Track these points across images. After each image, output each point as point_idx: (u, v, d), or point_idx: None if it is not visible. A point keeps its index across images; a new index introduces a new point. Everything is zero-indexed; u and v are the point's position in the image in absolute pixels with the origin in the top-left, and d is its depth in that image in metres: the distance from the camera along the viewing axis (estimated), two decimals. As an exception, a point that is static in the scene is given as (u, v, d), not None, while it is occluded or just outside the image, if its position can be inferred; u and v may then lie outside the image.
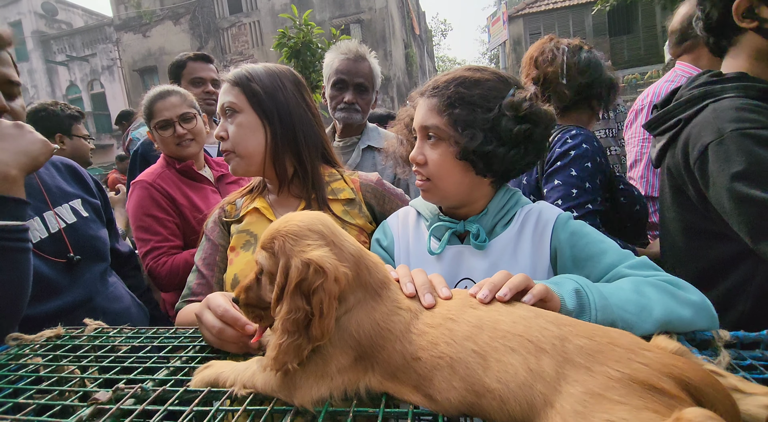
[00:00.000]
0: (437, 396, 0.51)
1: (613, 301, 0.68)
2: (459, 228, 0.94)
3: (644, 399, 0.42)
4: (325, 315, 0.52)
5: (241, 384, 0.59)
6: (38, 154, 0.94)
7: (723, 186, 0.95)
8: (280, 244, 0.56)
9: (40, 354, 0.80)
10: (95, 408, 0.58)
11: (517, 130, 0.84)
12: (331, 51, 1.94)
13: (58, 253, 1.14)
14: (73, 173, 1.35)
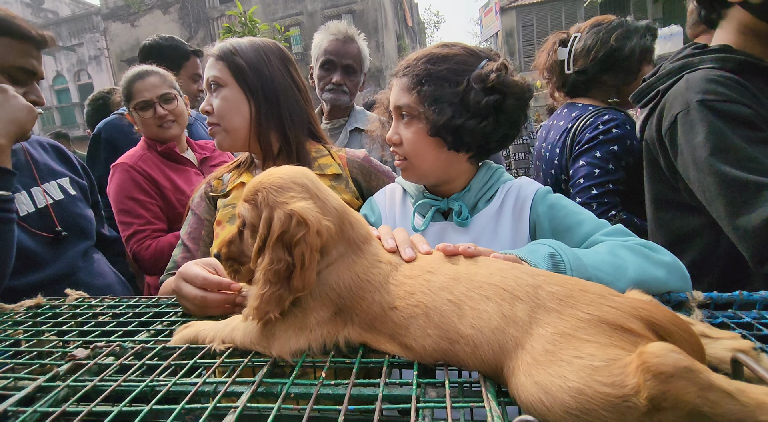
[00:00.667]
0: (413, 343, 0.51)
1: (587, 262, 0.69)
2: (442, 206, 0.95)
3: (612, 338, 0.43)
4: (307, 266, 0.52)
5: (220, 339, 0.59)
6: (26, 121, 0.94)
7: (688, 156, 0.97)
8: (264, 196, 0.55)
9: (19, 320, 0.79)
10: (72, 364, 0.57)
11: (486, 101, 0.84)
12: (320, 32, 1.92)
13: (45, 228, 1.14)
14: (60, 154, 1.35)
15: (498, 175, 0.98)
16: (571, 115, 1.59)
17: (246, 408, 0.46)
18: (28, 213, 1.12)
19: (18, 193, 1.11)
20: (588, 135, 1.47)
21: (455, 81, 0.87)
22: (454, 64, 0.88)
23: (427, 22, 36.87)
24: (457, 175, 0.96)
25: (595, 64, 1.52)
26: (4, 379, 0.57)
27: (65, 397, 0.52)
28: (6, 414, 0.49)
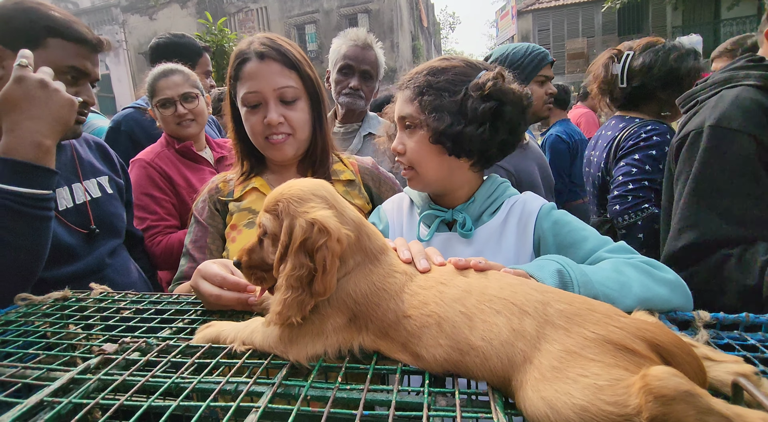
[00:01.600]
0: (424, 353, 0.54)
1: (594, 278, 0.71)
2: (447, 217, 0.98)
3: (616, 358, 0.45)
4: (328, 271, 0.54)
5: (240, 341, 0.62)
6: (68, 118, 0.95)
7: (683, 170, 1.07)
8: (284, 206, 0.58)
9: (48, 312, 0.83)
10: (102, 358, 0.61)
11: (482, 108, 0.88)
12: (338, 37, 1.96)
13: (80, 224, 1.17)
14: (103, 152, 1.39)
15: (503, 188, 1.01)
16: (618, 126, 1.76)
17: (267, 409, 0.49)
18: (67, 208, 1.15)
19: (59, 188, 1.14)
20: (631, 142, 1.66)
21: (454, 90, 0.91)
22: (453, 75, 0.93)
23: (442, 23, 36.80)
24: (460, 183, 0.99)
25: (654, 81, 1.64)
26: (37, 370, 0.61)
27: (96, 389, 0.56)
28: (42, 403, 0.52)
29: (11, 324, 0.79)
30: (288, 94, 1.09)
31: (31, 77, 0.91)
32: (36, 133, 0.90)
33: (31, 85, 0.90)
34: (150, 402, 0.51)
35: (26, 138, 0.89)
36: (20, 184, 0.87)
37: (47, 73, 0.95)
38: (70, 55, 1.06)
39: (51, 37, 1.04)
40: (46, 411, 0.51)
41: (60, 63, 1.04)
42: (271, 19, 17.85)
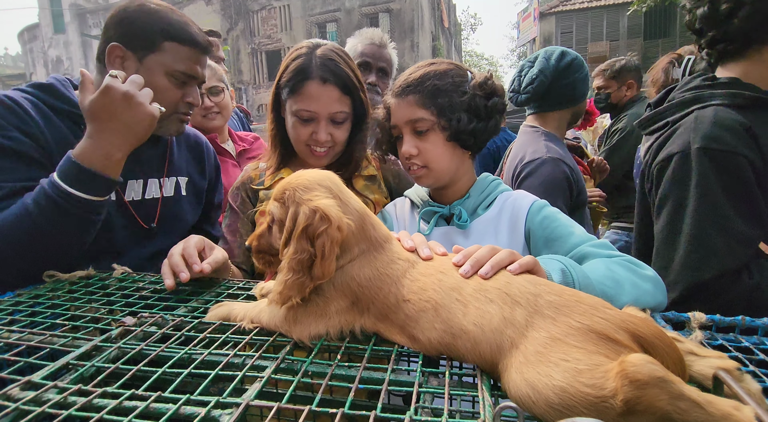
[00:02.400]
0: (420, 335, 0.57)
1: (593, 279, 0.75)
2: (445, 212, 1.07)
3: (598, 346, 0.48)
4: (327, 256, 0.58)
5: (249, 319, 0.66)
6: (145, 133, 0.98)
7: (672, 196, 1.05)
8: (290, 194, 0.62)
9: (74, 289, 0.89)
10: (122, 329, 0.66)
11: (491, 103, 1.00)
12: (353, 37, 2.03)
13: (144, 219, 1.20)
14: (197, 152, 1.40)
15: (495, 185, 1.10)
16: None
17: (269, 380, 0.53)
18: (133, 199, 1.18)
19: (132, 180, 1.18)
20: None
21: (460, 91, 1.00)
22: (453, 77, 1.01)
23: (463, 24, 36.59)
24: (462, 173, 1.09)
25: None
26: (64, 337, 0.66)
27: (116, 357, 0.61)
28: (68, 366, 0.57)
29: (40, 297, 0.85)
30: (339, 118, 1.16)
31: (117, 89, 0.93)
32: (109, 144, 0.93)
33: (116, 97, 0.93)
34: (164, 369, 0.55)
35: (99, 147, 0.92)
36: (79, 187, 0.90)
37: (136, 83, 0.97)
38: (182, 59, 1.09)
39: (167, 40, 1.07)
40: (71, 373, 0.56)
41: (172, 66, 1.09)
42: (293, 17, 18.05)
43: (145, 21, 1.06)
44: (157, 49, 1.07)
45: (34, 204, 0.90)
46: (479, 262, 0.63)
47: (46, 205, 0.90)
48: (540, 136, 1.67)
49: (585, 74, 1.70)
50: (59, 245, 0.95)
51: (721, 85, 1.08)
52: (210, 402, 0.46)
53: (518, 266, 0.61)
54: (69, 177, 0.90)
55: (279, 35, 18.33)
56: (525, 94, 1.71)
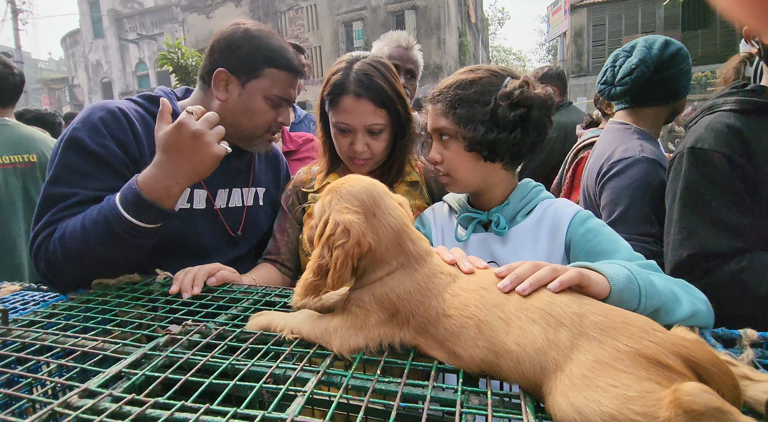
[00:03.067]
0: (462, 352, 0.57)
1: (658, 287, 0.71)
2: (483, 218, 1.05)
3: (649, 372, 0.46)
4: (338, 269, 0.60)
5: (289, 329, 0.68)
6: (205, 172, 1.00)
7: (670, 191, 1.20)
8: (329, 200, 0.66)
9: (121, 293, 0.93)
10: (169, 337, 0.69)
11: (513, 115, 0.95)
12: (380, 40, 2.04)
13: (232, 226, 1.26)
14: (275, 163, 1.48)
15: (536, 192, 1.07)
16: None
17: (312, 394, 0.54)
18: (220, 207, 1.25)
19: (222, 189, 1.25)
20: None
21: (484, 101, 0.97)
22: (481, 86, 0.99)
23: (491, 19, 35.96)
24: (495, 182, 1.06)
25: None
26: (114, 344, 0.69)
27: (163, 365, 0.63)
28: (120, 374, 0.60)
29: (91, 302, 0.89)
30: (375, 129, 1.19)
31: (189, 126, 0.95)
32: (170, 177, 0.96)
33: (185, 134, 0.95)
34: (211, 380, 0.57)
35: (160, 179, 0.95)
36: (133, 214, 0.94)
37: (209, 121, 0.99)
38: (280, 85, 1.16)
39: (268, 67, 1.14)
40: (123, 381, 0.59)
41: (270, 91, 1.15)
42: (320, 17, 18.21)
43: (249, 47, 1.13)
44: (259, 75, 1.14)
45: (92, 223, 0.95)
46: (519, 278, 0.61)
47: (103, 225, 0.94)
48: (632, 133, 1.55)
49: (689, 67, 1.55)
50: (105, 261, 0.99)
51: (743, 92, 1.15)
52: (256, 417, 0.48)
53: (558, 284, 0.59)
54: (128, 202, 0.94)
55: (306, 35, 18.53)
56: (621, 85, 1.57)
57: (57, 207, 1.00)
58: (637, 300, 0.67)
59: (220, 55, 1.15)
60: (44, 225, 0.99)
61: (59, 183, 1.02)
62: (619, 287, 0.66)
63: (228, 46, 1.14)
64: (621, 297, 0.65)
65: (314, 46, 18.37)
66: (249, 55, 1.13)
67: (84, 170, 1.03)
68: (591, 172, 1.60)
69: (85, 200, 1.00)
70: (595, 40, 15.85)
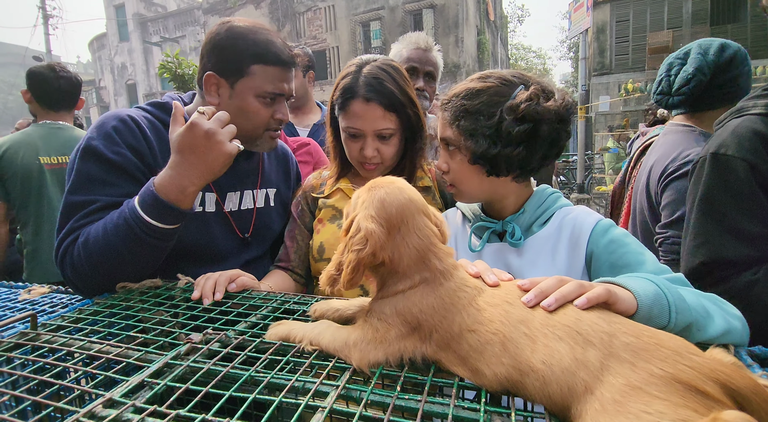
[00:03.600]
0: (485, 369, 0.55)
1: (688, 302, 0.68)
2: (497, 228, 1.01)
3: (685, 398, 0.44)
4: (347, 273, 0.61)
5: (308, 341, 0.67)
6: (219, 170, 1.02)
7: (690, 194, 1.19)
8: (363, 199, 0.66)
9: (144, 298, 0.95)
10: (190, 346, 0.69)
11: (518, 130, 0.89)
12: (398, 42, 2.02)
13: (241, 228, 1.27)
14: (285, 163, 1.47)
15: (553, 199, 1.02)
16: None
17: (332, 410, 0.53)
18: (231, 210, 1.26)
19: (231, 192, 1.26)
20: None
21: (489, 113, 0.92)
22: (488, 96, 0.94)
23: (510, 16, 35.49)
24: (504, 194, 1.02)
25: None
26: (138, 351, 0.70)
27: (184, 374, 0.64)
28: (143, 383, 0.61)
29: (115, 307, 0.91)
30: (385, 134, 1.18)
31: (201, 126, 0.97)
32: (186, 178, 0.97)
33: (198, 134, 0.97)
34: (231, 392, 0.57)
35: (176, 180, 0.97)
36: (152, 216, 0.96)
37: (221, 120, 1.01)
38: (270, 80, 1.13)
39: (255, 64, 1.11)
40: (146, 390, 0.59)
41: (261, 88, 1.12)
42: (338, 17, 18.28)
43: (233, 47, 1.10)
44: (246, 74, 1.11)
45: (114, 227, 0.97)
46: (544, 293, 0.60)
47: (124, 228, 0.96)
48: (698, 135, 1.53)
49: (749, 67, 1.51)
50: (127, 263, 1.00)
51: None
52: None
53: (586, 300, 0.57)
54: (146, 205, 0.96)
55: (324, 35, 18.64)
56: (678, 96, 1.55)
57: (78, 214, 1.02)
58: (666, 316, 0.64)
59: (208, 58, 1.13)
60: (68, 233, 1.01)
61: (79, 191, 1.04)
62: (647, 303, 0.63)
63: (213, 48, 1.12)
64: (649, 314, 0.62)
65: (332, 47, 18.47)
66: (233, 55, 1.10)
67: (102, 178, 1.05)
68: (654, 172, 1.58)
69: (105, 206, 1.03)
70: (619, 36, 15.46)
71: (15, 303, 1.02)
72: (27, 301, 1.03)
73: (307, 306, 0.88)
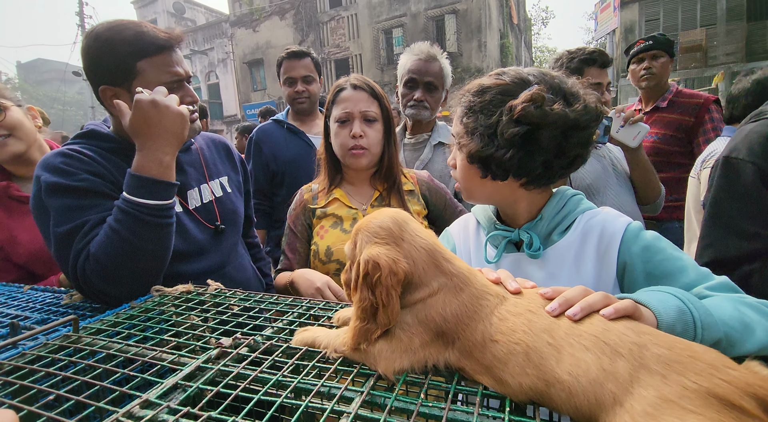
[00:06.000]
0: (509, 379, 0.55)
1: (718, 317, 0.65)
2: (514, 237, 0.94)
3: (720, 414, 0.42)
4: (387, 304, 0.59)
5: (332, 348, 0.68)
6: (181, 131, 1.07)
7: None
8: (360, 242, 0.66)
9: (176, 304, 0.99)
10: (220, 350, 0.71)
11: (509, 132, 0.82)
12: (405, 53, 2.04)
13: (209, 220, 1.33)
14: (226, 151, 1.54)
15: (574, 203, 0.93)
16: None
17: (356, 415, 0.54)
18: (196, 206, 1.31)
19: (191, 190, 1.30)
20: None
21: (491, 112, 0.87)
22: (494, 94, 0.88)
23: (534, 19, 35.04)
24: (514, 200, 0.94)
25: None
26: (171, 354, 0.73)
27: (215, 377, 0.66)
28: (176, 386, 0.63)
29: (149, 312, 0.95)
30: (370, 115, 1.40)
31: (144, 100, 1.02)
32: (157, 151, 1.03)
33: (145, 108, 1.01)
34: (259, 396, 0.59)
35: (149, 156, 1.03)
36: (145, 196, 1.01)
37: (160, 91, 1.05)
38: (161, 70, 1.13)
39: (138, 60, 1.10)
40: (179, 393, 0.62)
41: (157, 83, 1.12)
42: (360, 25, 18.50)
43: (110, 52, 1.09)
44: (136, 74, 1.11)
45: (115, 222, 1.01)
46: (569, 302, 0.58)
47: (125, 218, 1.01)
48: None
49: None
50: (145, 252, 1.05)
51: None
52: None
53: (614, 310, 0.56)
54: (134, 189, 1.02)
55: (347, 44, 18.89)
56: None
57: (76, 237, 1.04)
58: (691, 333, 0.62)
59: (94, 74, 1.12)
60: (76, 255, 1.03)
61: (64, 223, 1.04)
62: (668, 322, 0.61)
63: (92, 62, 1.10)
64: (671, 332, 0.60)
65: (355, 54, 18.69)
66: (114, 61, 1.09)
67: (78, 204, 1.06)
68: None
69: (97, 222, 1.05)
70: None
71: (58, 307, 1.08)
72: (69, 305, 1.09)
73: (331, 312, 0.90)
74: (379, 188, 1.47)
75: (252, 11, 20.57)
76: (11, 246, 1.42)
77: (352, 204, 1.45)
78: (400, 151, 2.06)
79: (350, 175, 1.50)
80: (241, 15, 21.59)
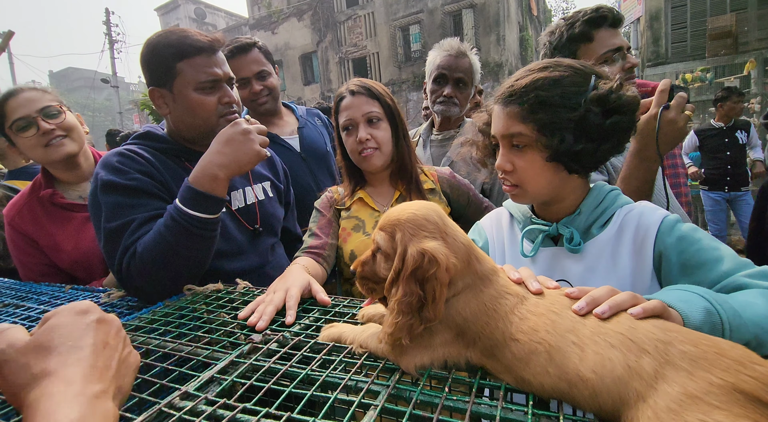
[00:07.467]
0: (531, 378, 0.55)
1: (747, 317, 0.64)
2: (552, 231, 0.94)
3: (746, 410, 0.42)
4: (437, 299, 0.58)
5: (358, 343, 0.71)
6: (247, 164, 1.14)
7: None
8: (402, 233, 0.63)
9: (208, 301, 1.03)
10: (252, 346, 0.75)
11: (608, 123, 0.83)
12: (434, 49, 2.04)
13: (249, 222, 1.40)
14: (269, 160, 1.60)
15: (612, 197, 0.93)
16: None
17: (383, 408, 0.56)
18: (239, 207, 1.37)
19: (235, 191, 1.37)
20: None
21: (570, 106, 0.84)
22: (566, 86, 0.85)
23: (554, 10, 34.25)
24: (568, 192, 0.94)
25: None
26: (206, 349, 0.77)
27: (246, 371, 0.69)
28: (212, 379, 0.67)
29: (183, 309, 0.99)
30: (372, 116, 1.40)
31: (242, 124, 1.13)
32: (216, 166, 1.09)
33: (238, 130, 1.12)
34: (290, 389, 0.61)
35: (207, 170, 1.09)
36: (195, 208, 1.07)
37: (259, 128, 1.16)
38: (200, 70, 1.20)
39: (178, 61, 1.19)
40: (215, 386, 0.65)
41: (195, 81, 1.20)
42: (377, 23, 18.49)
43: (155, 56, 1.20)
44: (176, 74, 1.20)
45: (164, 227, 1.07)
46: (596, 300, 0.59)
47: (173, 225, 1.06)
48: None
49: None
50: (187, 259, 1.10)
51: None
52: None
53: (642, 310, 0.56)
54: (187, 200, 1.07)
55: (364, 43, 18.92)
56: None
57: (125, 233, 1.10)
58: (719, 335, 0.61)
59: (145, 76, 1.24)
60: (124, 250, 1.09)
61: (115, 219, 1.12)
62: (695, 324, 0.60)
63: (143, 67, 1.23)
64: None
65: (372, 53, 18.69)
66: (158, 63, 1.19)
67: (129, 202, 1.14)
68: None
69: (145, 221, 1.12)
70: (675, 23, 14.43)
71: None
72: (107, 304, 1.15)
73: (356, 309, 0.92)
74: (399, 188, 1.47)
75: (270, 13, 20.83)
76: (55, 252, 1.51)
77: (375, 205, 1.46)
78: (427, 147, 2.05)
79: (370, 177, 1.51)
80: (260, 18, 21.89)
